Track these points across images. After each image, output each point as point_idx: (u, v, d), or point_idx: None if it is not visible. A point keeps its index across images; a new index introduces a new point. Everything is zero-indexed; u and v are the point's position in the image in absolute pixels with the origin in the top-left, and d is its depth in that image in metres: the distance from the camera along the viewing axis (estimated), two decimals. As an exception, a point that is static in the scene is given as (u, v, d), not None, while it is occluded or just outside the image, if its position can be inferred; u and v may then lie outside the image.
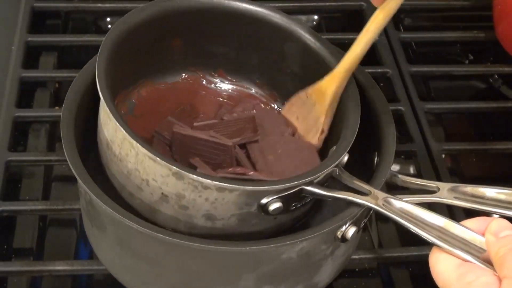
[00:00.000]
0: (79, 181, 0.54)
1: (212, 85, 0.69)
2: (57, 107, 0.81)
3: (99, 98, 0.56)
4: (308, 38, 0.64)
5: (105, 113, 0.55)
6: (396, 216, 0.52)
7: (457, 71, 0.90)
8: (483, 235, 0.47)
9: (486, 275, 0.44)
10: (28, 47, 0.84)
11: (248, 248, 0.52)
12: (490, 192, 0.55)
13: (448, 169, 0.76)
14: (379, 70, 0.86)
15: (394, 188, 0.62)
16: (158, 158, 0.52)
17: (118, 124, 0.53)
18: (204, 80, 0.69)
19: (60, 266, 0.65)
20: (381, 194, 0.54)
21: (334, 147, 0.58)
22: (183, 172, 0.51)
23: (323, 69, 0.63)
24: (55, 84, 0.85)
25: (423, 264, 0.69)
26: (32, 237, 0.70)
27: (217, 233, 0.55)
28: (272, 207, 0.53)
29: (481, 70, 0.92)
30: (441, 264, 0.46)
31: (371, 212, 0.59)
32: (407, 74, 0.86)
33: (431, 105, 0.83)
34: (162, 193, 0.54)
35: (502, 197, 0.54)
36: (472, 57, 0.96)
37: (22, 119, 0.77)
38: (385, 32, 0.91)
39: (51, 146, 0.78)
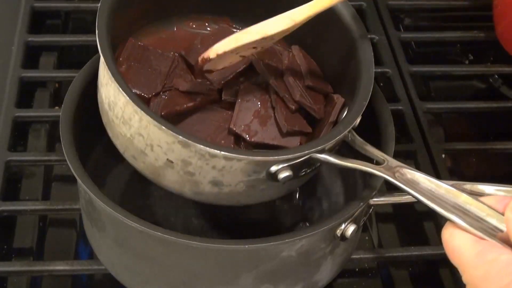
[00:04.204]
0: (79, 181, 0.54)
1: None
2: (57, 107, 0.81)
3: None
4: None
5: (106, 74, 0.53)
6: (409, 188, 0.49)
7: (457, 71, 0.90)
8: (501, 213, 0.45)
9: (506, 253, 0.42)
10: (28, 47, 0.84)
11: (247, 246, 0.52)
12: (489, 189, 0.54)
13: (448, 169, 0.76)
14: (379, 70, 0.86)
15: (393, 187, 0.62)
16: (163, 127, 0.50)
17: (121, 89, 0.51)
18: (209, 27, 0.66)
19: (60, 266, 0.64)
20: (396, 163, 0.52)
21: (340, 96, 0.56)
22: (189, 141, 0.50)
23: (331, 16, 0.60)
24: (55, 84, 0.85)
25: (423, 264, 0.69)
26: (32, 237, 0.70)
27: (224, 197, 0.54)
28: (282, 175, 0.51)
29: (481, 70, 0.92)
30: (456, 239, 0.44)
31: (371, 210, 0.59)
32: (407, 74, 0.86)
33: (431, 105, 0.83)
34: (168, 159, 0.52)
35: (501, 194, 0.54)
36: (472, 57, 0.95)
37: (22, 119, 0.77)
38: (385, 32, 0.91)
39: (51, 146, 0.78)
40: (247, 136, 0.57)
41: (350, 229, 0.55)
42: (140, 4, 0.61)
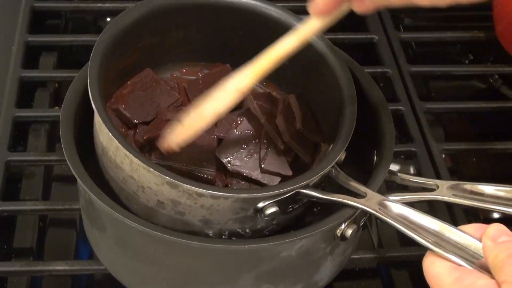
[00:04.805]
0: (79, 180, 0.54)
1: None
2: (57, 107, 0.82)
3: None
4: None
5: (99, 121, 0.55)
6: (391, 220, 0.52)
7: (457, 71, 0.90)
8: (479, 240, 0.46)
9: (483, 278, 0.43)
10: (28, 47, 0.85)
11: (247, 246, 0.52)
12: (489, 189, 0.55)
13: (448, 169, 0.76)
14: (379, 70, 0.86)
15: (393, 187, 0.62)
16: (151, 169, 0.51)
17: (110, 134, 0.53)
18: (201, 74, 0.68)
19: (60, 266, 0.65)
20: (377, 197, 0.54)
21: (328, 145, 0.57)
22: (176, 182, 0.51)
23: (318, 61, 0.62)
24: (55, 84, 0.85)
25: (423, 264, 0.69)
26: (32, 237, 0.70)
27: (216, 237, 0.55)
28: (269, 211, 0.53)
29: (481, 70, 0.92)
30: (435, 267, 0.46)
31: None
32: (407, 74, 0.86)
33: (431, 105, 0.83)
34: (158, 200, 0.54)
35: (501, 194, 0.54)
36: (472, 57, 0.96)
37: (22, 119, 0.77)
38: (385, 32, 0.91)
39: (51, 146, 0.78)
40: (229, 165, 0.59)
41: (350, 229, 0.55)
42: (133, 53, 0.63)
